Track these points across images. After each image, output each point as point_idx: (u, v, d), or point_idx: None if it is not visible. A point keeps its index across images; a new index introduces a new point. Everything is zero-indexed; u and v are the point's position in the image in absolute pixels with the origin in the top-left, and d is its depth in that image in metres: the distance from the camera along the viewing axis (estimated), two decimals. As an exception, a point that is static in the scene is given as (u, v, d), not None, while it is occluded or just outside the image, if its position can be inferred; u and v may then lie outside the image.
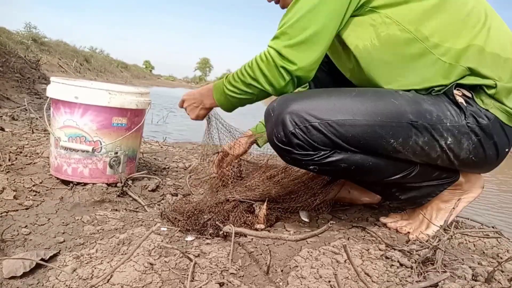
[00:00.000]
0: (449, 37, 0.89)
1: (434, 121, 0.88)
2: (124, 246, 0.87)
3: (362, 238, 1.02)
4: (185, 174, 1.66)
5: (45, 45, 13.53)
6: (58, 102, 1.23)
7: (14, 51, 4.51)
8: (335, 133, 0.88)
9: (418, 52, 0.90)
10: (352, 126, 0.87)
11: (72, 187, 1.22)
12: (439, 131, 0.88)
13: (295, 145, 0.90)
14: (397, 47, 0.91)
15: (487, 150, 0.92)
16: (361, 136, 0.88)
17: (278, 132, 0.91)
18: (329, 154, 0.90)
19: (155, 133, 3.40)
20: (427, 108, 0.89)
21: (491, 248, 1.01)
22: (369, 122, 0.87)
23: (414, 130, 0.88)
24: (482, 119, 0.89)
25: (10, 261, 0.76)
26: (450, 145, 0.90)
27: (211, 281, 0.75)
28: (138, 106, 1.29)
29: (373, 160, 0.92)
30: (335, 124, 0.87)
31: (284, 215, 1.17)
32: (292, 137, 0.89)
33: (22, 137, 1.77)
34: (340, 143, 0.89)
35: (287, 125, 0.89)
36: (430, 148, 0.90)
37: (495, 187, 2.65)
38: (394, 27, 0.89)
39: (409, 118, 0.88)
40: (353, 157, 0.91)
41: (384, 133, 0.88)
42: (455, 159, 0.93)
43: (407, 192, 1.04)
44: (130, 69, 27.04)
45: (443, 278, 0.71)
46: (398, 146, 0.89)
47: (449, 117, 0.89)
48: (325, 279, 0.76)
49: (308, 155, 0.90)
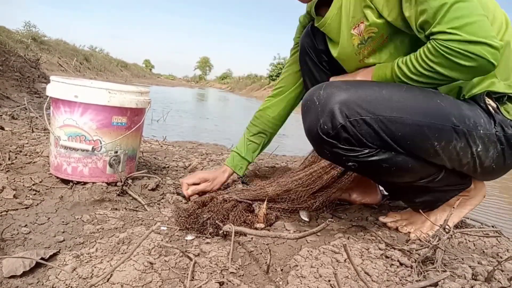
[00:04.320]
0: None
1: (471, 127, 0.86)
2: (124, 245, 0.87)
3: (362, 238, 1.02)
4: (185, 173, 1.66)
5: (45, 44, 13.52)
6: (58, 101, 1.23)
7: (14, 50, 4.50)
8: (386, 131, 0.83)
9: None
10: (403, 125, 0.83)
11: (72, 186, 1.22)
12: (474, 137, 0.86)
13: (342, 139, 0.83)
14: None
15: (507, 159, 0.91)
16: (410, 135, 0.84)
17: (324, 123, 0.83)
18: (374, 153, 0.85)
19: (155, 132, 3.40)
20: (467, 113, 0.86)
21: (491, 248, 1.01)
22: (420, 122, 0.83)
23: (455, 135, 0.85)
24: (508, 129, 0.88)
25: (10, 260, 0.76)
26: (479, 152, 0.88)
27: (211, 280, 0.75)
28: (138, 105, 1.28)
29: (413, 162, 0.89)
30: (387, 120, 0.82)
31: (284, 215, 1.17)
32: (341, 130, 0.82)
33: (22, 136, 1.77)
34: (388, 141, 0.84)
35: (337, 117, 0.81)
36: (463, 154, 0.88)
37: (495, 187, 2.65)
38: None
39: (453, 122, 0.85)
40: (396, 157, 0.87)
41: (431, 135, 0.84)
42: (479, 167, 0.91)
43: (422, 196, 1.02)
44: (130, 68, 27.03)
45: (443, 278, 0.71)
46: (439, 149, 0.86)
47: (483, 124, 0.87)
48: (325, 278, 0.76)
49: (352, 150, 0.85)
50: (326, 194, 1.19)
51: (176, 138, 3.04)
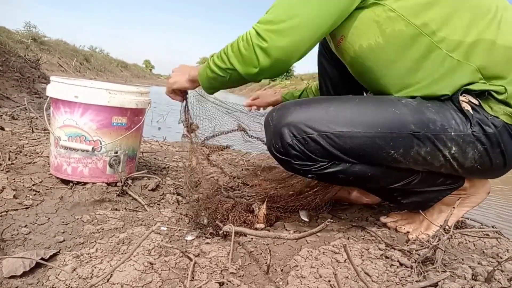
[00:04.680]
0: (457, 29, 0.84)
1: (437, 131, 0.85)
2: (124, 246, 0.87)
3: (362, 238, 1.02)
4: (185, 173, 1.66)
5: (45, 44, 13.52)
6: (58, 102, 1.23)
7: (14, 50, 4.50)
8: (334, 145, 0.86)
9: (425, 49, 0.86)
10: (351, 138, 0.86)
11: (72, 187, 1.22)
12: (443, 141, 0.86)
13: (293, 156, 0.89)
14: (403, 44, 0.87)
15: (494, 159, 0.89)
16: (360, 147, 0.86)
17: (276, 142, 0.90)
18: (327, 166, 0.89)
19: (155, 132, 3.40)
20: (431, 118, 0.86)
21: (491, 248, 1.01)
22: (369, 133, 0.86)
23: (416, 141, 0.86)
24: (488, 127, 0.85)
25: (10, 260, 0.76)
26: (454, 154, 0.87)
27: (211, 280, 0.75)
28: (138, 105, 1.28)
29: (373, 170, 0.91)
30: (333, 136, 0.86)
31: (283, 215, 1.17)
32: (289, 148, 0.88)
33: (22, 136, 1.77)
34: (338, 155, 0.87)
35: (285, 137, 0.88)
36: (432, 157, 0.88)
37: (495, 186, 2.65)
38: (399, 22, 0.85)
39: (411, 129, 0.85)
40: (352, 168, 0.90)
41: (384, 144, 0.86)
42: (459, 168, 0.90)
43: (409, 197, 1.03)
44: (130, 68, 27.04)
45: (443, 278, 0.71)
46: (398, 156, 0.87)
47: (454, 126, 0.86)
48: (325, 279, 0.76)
49: (306, 165, 0.90)
50: (325, 191, 1.19)
51: (176, 138, 3.04)
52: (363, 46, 0.91)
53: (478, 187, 1.03)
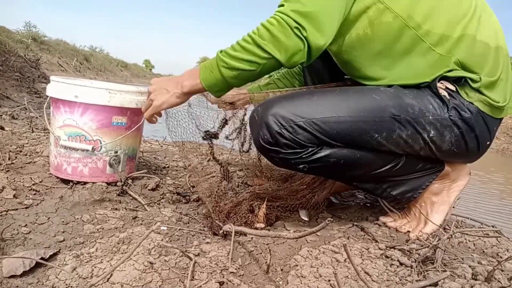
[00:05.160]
0: (441, 24, 0.89)
1: (416, 115, 0.90)
2: (124, 245, 0.87)
3: (362, 237, 1.02)
4: (185, 173, 1.66)
5: (45, 44, 13.50)
6: (58, 101, 1.23)
7: (14, 50, 4.50)
8: (320, 131, 0.89)
9: (410, 41, 0.90)
10: (337, 123, 0.89)
11: (72, 186, 1.22)
12: (422, 124, 0.90)
13: (282, 145, 0.90)
14: (390, 36, 0.90)
15: (469, 142, 0.94)
16: (346, 132, 0.89)
17: (263, 134, 0.91)
18: (316, 150, 0.91)
19: (155, 132, 3.40)
20: (409, 102, 0.90)
21: (491, 247, 1.01)
22: (353, 118, 0.89)
23: (397, 124, 0.90)
24: (464, 112, 0.91)
25: (10, 260, 0.76)
26: (432, 137, 0.92)
27: (211, 280, 0.75)
28: (138, 105, 1.28)
29: (360, 152, 0.94)
30: (319, 122, 0.88)
31: (284, 215, 1.17)
32: (278, 136, 0.89)
33: (22, 136, 1.77)
34: (326, 140, 0.90)
35: (272, 126, 0.89)
36: (413, 141, 0.92)
37: (495, 186, 2.65)
38: (387, 14, 0.88)
39: (391, 113, 0.89)
40: (341, 151, 0.92)
41: (368, 128, 0.89)
42: (437, 151, 0.95)
43: (397, 187, 1.05)
44: (130, 68, 27.02)
45: (443, 277, 0.71)
46: (382, 140, 0.91)
47: (432, 110, 0.90)
48: (325, 278, 0.76)
49: (295, 153, 0.91)
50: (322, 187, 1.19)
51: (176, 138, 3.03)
52: (352, 36, 0.93)
53: (460, 170, 1.06)
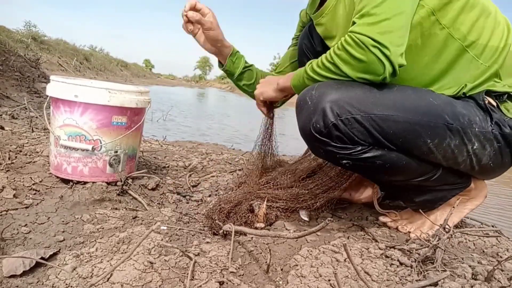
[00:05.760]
0: (486, 35, 0.90)
1: (465, 125, 0.87)
2: (124, 245, 0.87)
3: (362, 237, 1.02)
4: (185, 173, 1.66)
5: (45, 43, 13.50)
6: (58, 101, 1.23)
7: (14, 50, 4.50)
8: (377, 128, 0.84)
9: (455, 52, 0.90)
10: (395, 122, 0.84)
11: (72, 186, 1.22)
12: (469, 135, 0.88)
13: (334, 137, 0.85)
14: (437, 47, 0.90)
15: (504, 157, 0.93)
16: (402, 133, 0.85)
17: (317, 121, 0.85)
18: (366, 150, 0.86)
19: (155, 131, 3.40)
20: (461, 111, 0.88)
21: (490, 247, 1.01)
22: (411, 119, 0.85)
23: (448, 132, 0.87)
24: (505, 128, 0.90)
25: (10, 259, 0.76)
26: (475, 150, 0.90)
27: (211, 280, 0.75)
28: (138, 105, 1.28)
29: (407, 159, 0.90)
30: (378, 118, 0.84)
31: (283, 214, 1.17)
32: (332, 128, 0.83)
33: (22, 135, 1.77)
34: (380, 139, 0.85)
35: (328, 115, 0.83)
36: (459, 151, 0.90)
37: (496, 186, 2.65)
38: (436, 25, 0.88)
39: (446, 120, 0.86)
40: (389, 154, 0.88)
41: (423, 133, 0.86)
42: (477, 165, 0.93)
43: (422, 195, 1.02)
44: (130, 67, 27.01)
45: (443, 277, 0.71)
46: (433, 147, 0.87)
47: (478, 122, 0.89)
48: (325, 278, 0.76)
49: (345, 148, 0.86)
50: (327, 196, 1.19)
51: (176, 138, 3.04)
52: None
53: (480, 190, 1.06)
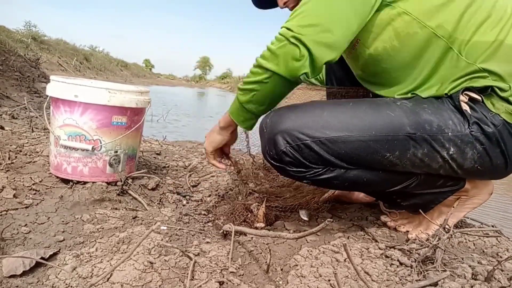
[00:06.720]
0: (470, 30, 0.84)
1: (434, 132, 0.84)
2: (124, 245, 0.87)
3: (362, 237, 1.02)
4: (185, 172, 1.66)
5: (45, 43, 13.50)
6: (58, 101, 1.23)
7: (14, 50, 4.50)
8: (327, 150, 0.86)
9: (441, 51, 0.85)
10: (345, 143, 0.85)
11: (72, 186, 1.22)
12: (440, 141, 0.85)
13: (287, 163, 0.89)
14: (418, 47, 0.86)
15: (494, 159, 0.87)
16: (354, 152, 0.86)
17: (270, 149, 0.90)
18: (321, 172, 0.89)
19: (155, 131, 3.40)
20: (427, 118, 0.85)
21: (490, 247, 1.01)
22: (363, 137, 0.85)
23: (412, 142, 0.85)
24: (487, 127, 0.83)
25: (10, 259, 0.76)
26: (452, 155, 0.86)
27: (211, 280, 0.75)
28: (138, 105, 1.28)
29: (368, 175, 0.91)
30: (327, 141, 0.86)
31: (283, 214, 1.17)
32: (283, 155, 0.88)
33: (22, 135, 1.77)
34: (332, 160, 0.87)
35: (279, 144, 0.88)
36: (430, 159, 0.87)
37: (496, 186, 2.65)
38: (414, 24, 0.84)
39: (406, 131, 0.85)
40: (347, 174, 0.90)
41: (379, 148, 0.85)
42: (458, 169, 0.89)
43: (409, 199, 1.02)
44: (130, 67, 26.99)
45: (443, 277, 0.71)
46: (394, 159, 0.86)
47: (451, 126, 0.84)
48: (325, 278, 0.76)
49: (300, 171, 0.90)
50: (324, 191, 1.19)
51: (176, 138, 3.04)
52: (378, 49, 0.89)
53: (480, 188, 1.01)
